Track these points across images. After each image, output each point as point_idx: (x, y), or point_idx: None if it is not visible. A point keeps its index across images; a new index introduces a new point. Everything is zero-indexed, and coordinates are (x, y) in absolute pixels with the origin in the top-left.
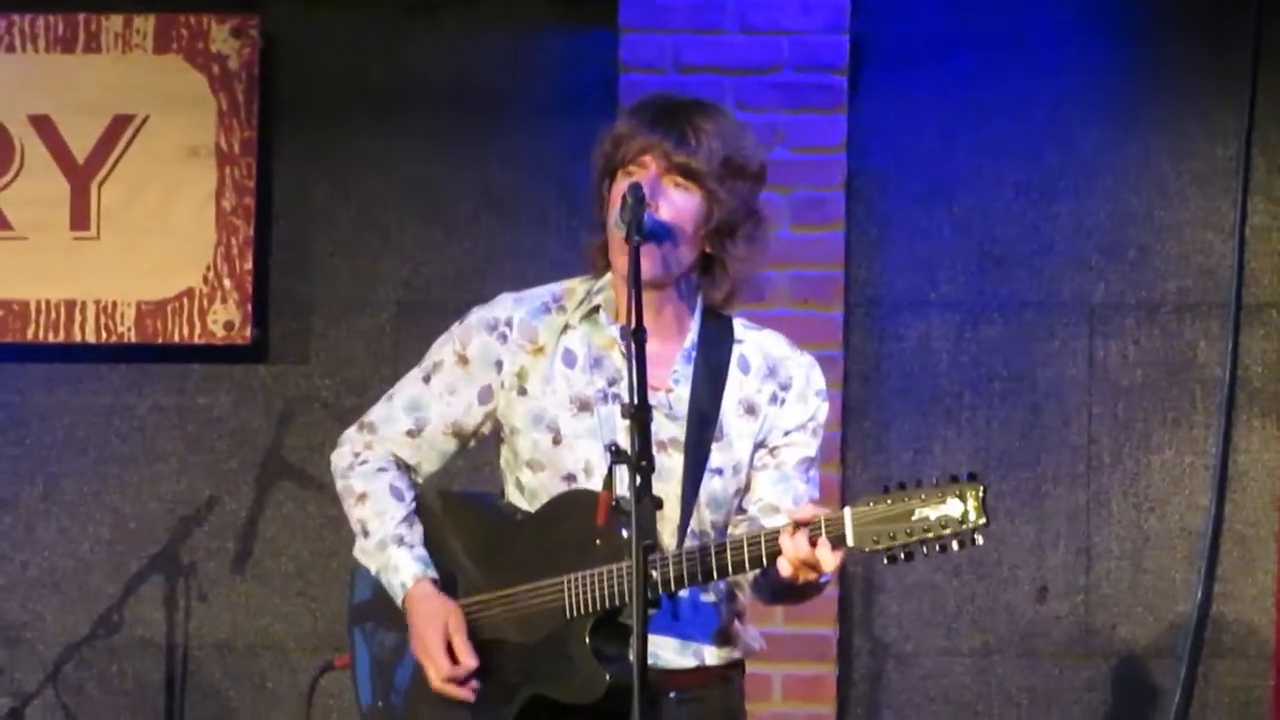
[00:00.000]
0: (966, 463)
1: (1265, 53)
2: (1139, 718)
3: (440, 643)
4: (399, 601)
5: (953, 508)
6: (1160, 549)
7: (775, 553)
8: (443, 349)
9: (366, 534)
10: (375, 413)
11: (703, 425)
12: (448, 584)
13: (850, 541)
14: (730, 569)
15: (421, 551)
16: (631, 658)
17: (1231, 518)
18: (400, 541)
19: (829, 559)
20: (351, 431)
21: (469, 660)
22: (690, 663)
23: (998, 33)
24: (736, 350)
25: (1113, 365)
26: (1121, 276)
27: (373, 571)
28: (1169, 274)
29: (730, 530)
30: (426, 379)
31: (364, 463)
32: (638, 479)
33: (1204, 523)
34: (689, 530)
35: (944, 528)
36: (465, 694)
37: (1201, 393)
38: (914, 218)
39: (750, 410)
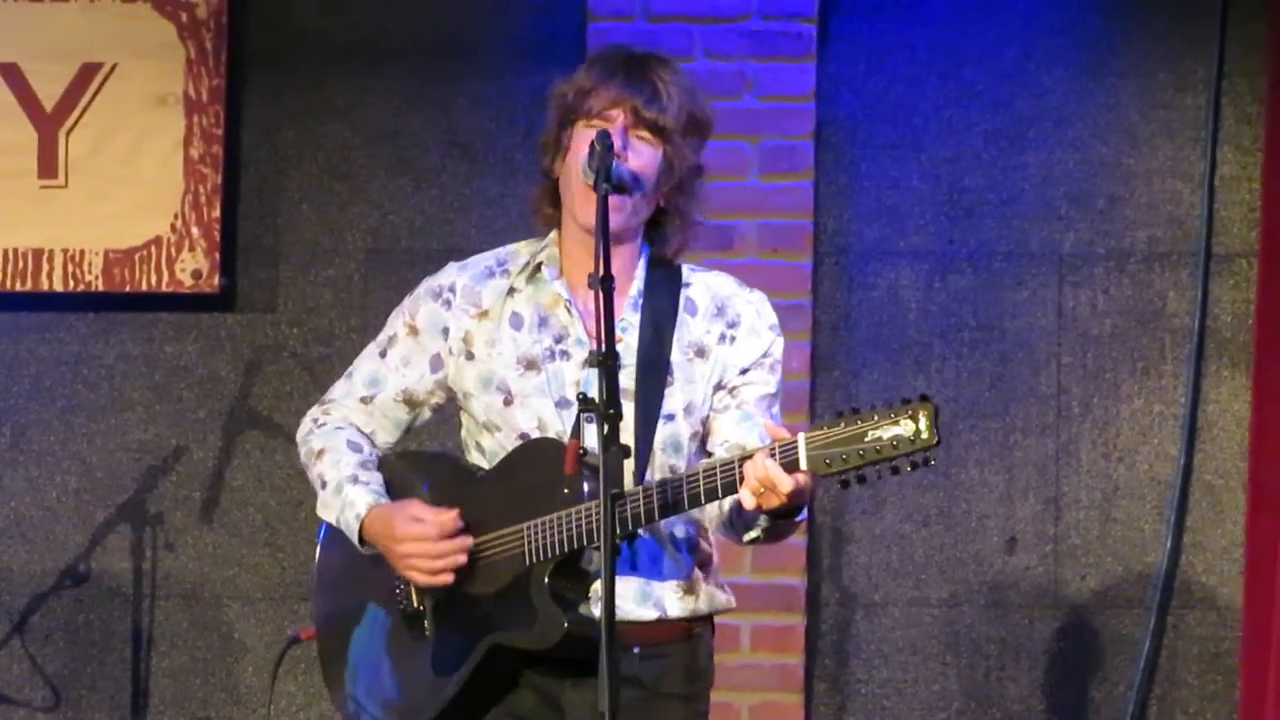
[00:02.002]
0: None
1: (1234, 2)
2: (1107, 669)
3: (412, 525)
4: (355, 535)
5: (905, 428)
6: (1129, 499)
7: (731, 482)
8: (395, 322)
9: (324, 484)
10: (334, 390)
11: (652, 372)
12: None
13: (804, 465)
14: (689, 500)
15: (379, 489)
16: (594, 606)
17: (1200, 468)
18: (355, 480)
19: (784, 479)
20: (312, 409)
21: (449, 519)
22: (651, 614)
23: None
24: (683, 294)
25: (1082, 315)
26: (1091, 226)
27: (332, 521)
28: (1138, 223)
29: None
30: (383, 354)
31: (321, 425)
32: (605, 427)
33: (1173, 473)
34: (647, 478)
35: (897, 448)
36: (460, 551)
37: (1171, 342)
38: (883, 166)
39: (700, 353)
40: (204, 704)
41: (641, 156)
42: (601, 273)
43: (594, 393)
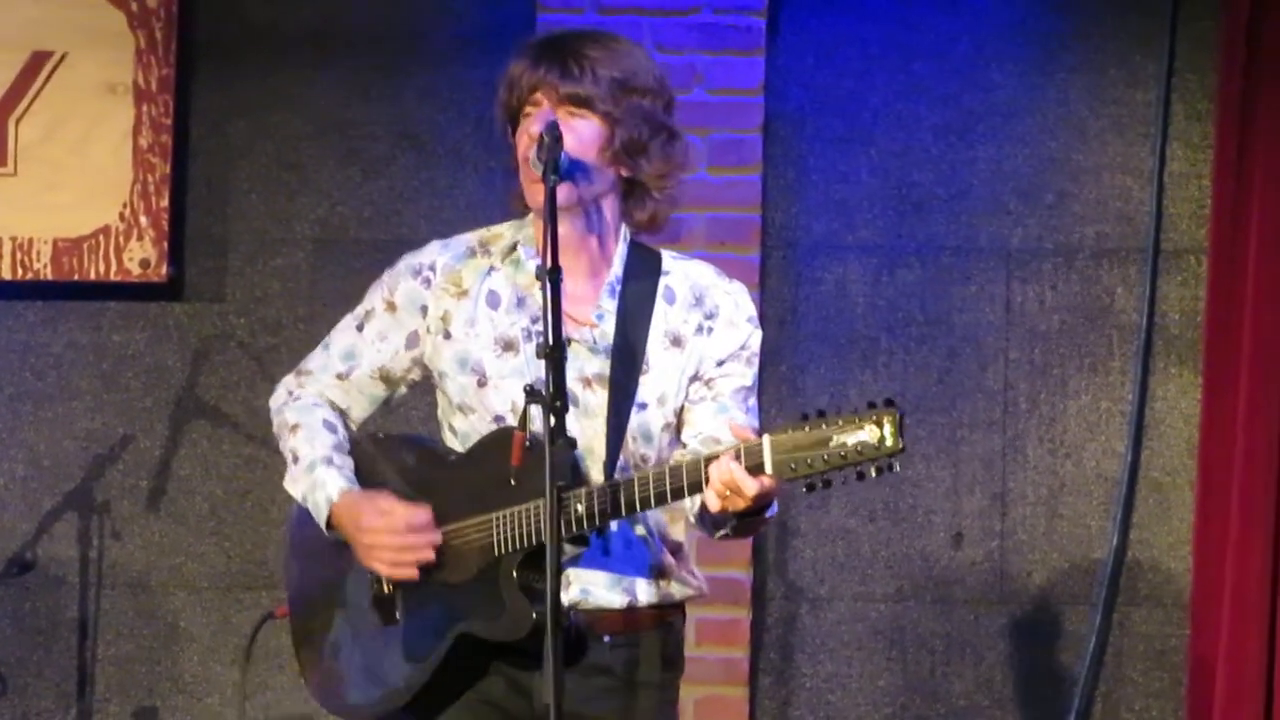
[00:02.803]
0: None
1: None
2: (1054, 665)
3: (379, 516)
4: (323, 519)
5: (869, 434)
6: (1076, 495)
7: (696, 482)
8: (373, 296)
9: (296, 460)
10: (311, 360)
11: (627, 359)
12: None
13: (769, 469)
14: (654, 500)
15: (350, 474)
16: (563, 597)
17: (1148, 465)
18: (329, 462)
19: (749, 483)
20: (288, 376)
21: (419, 513)
22: (622, 600)
23: None
24: (662, 281)
25: (1030, 310)
26: (1039, 221)
27: (299, 498)
28: (1087, 219)
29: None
30: (360, 327)
31: (297, 399)
32: (551, 419)
33: (1120, 469)
34: (619, 465)
35: (860, 454)
36: (427, 546)
37: (1119, 339)
38: (831, 160)
39: (676, 342)
40: (149, 692)
41: (574, 132)
42: (550, 264)
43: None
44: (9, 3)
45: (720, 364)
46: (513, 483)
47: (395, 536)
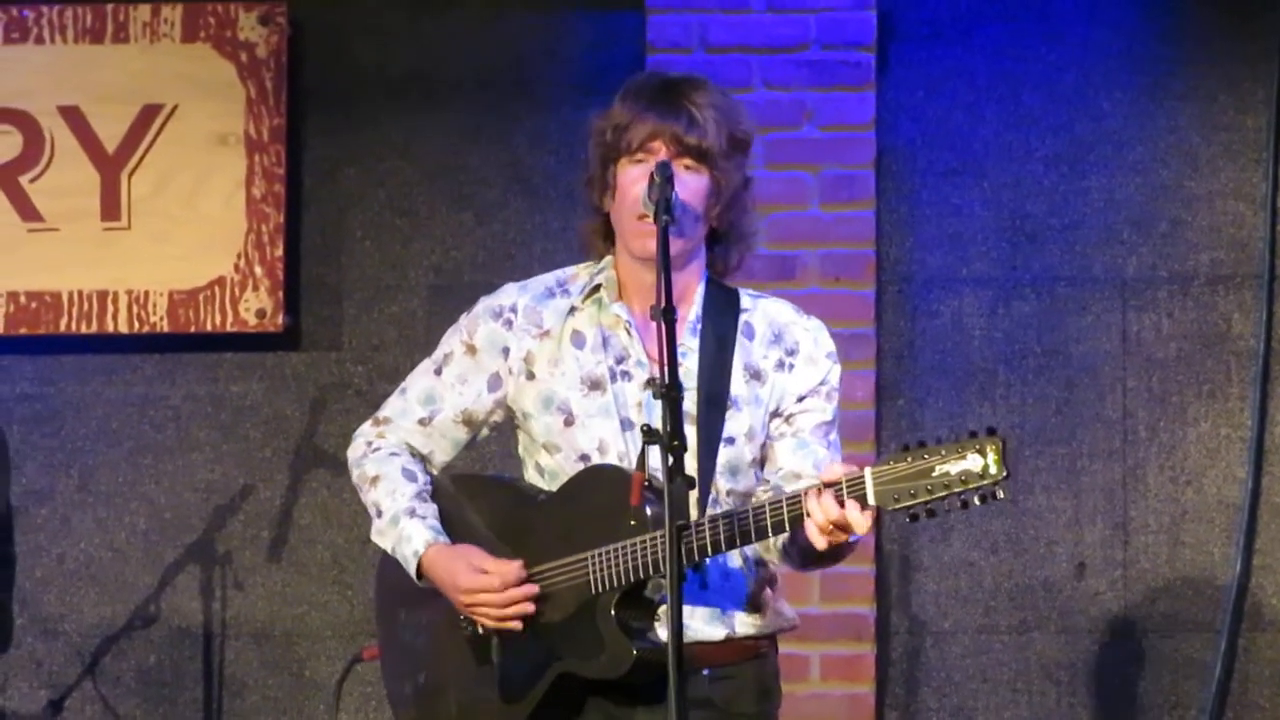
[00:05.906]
0: None
1: None
2: (1179, 693)
3: (477, 576)
4: (412, 571)
5: (973, 462)
6: (1198, 522)
7: (801, 515)
8: (451, 340)
9: (380, 513)
10: (389, 407)
11: (713, 396)
12: None
13: (871, 500)
14: (756, 533)
15: (435, 523)
16: (660, 632)
17: (1269, 490)
18: (412, 514)
19: (859, 519)
20: (365, 426)
21: (514, 570)
22: (720, 633)
23: (1024, 5)
24: (742, 318)
25: (1146, 339)
26: (1153, 249)
27: (388, 550)
28: (1201, 246)
29: (754, 500)
30: (438, 371)
31: (376, 450)
32: (669, 459)
33: (1241, 495)
34: (709, 500)
35: (965, 482)
36: (526, 599)
37: (1236, 365)
38: (944, 193)
39: (756, 376)
40: None
41: (687, 186)
42: (663, 304)
43: (657, 423)
44: (118, 57)
45: (801, 399)
46: (633, 523)
47: (496, 595)
